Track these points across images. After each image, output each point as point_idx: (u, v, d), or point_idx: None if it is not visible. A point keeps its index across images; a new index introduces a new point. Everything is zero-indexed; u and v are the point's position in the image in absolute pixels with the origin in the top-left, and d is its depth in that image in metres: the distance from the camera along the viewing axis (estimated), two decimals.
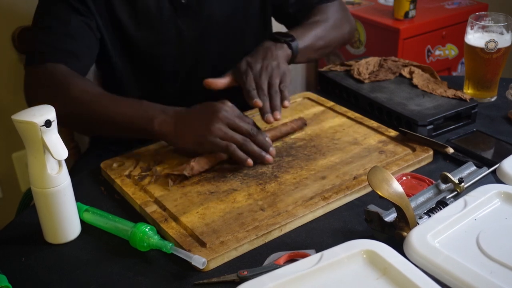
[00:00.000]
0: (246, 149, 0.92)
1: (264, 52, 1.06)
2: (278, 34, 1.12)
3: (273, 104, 0.98)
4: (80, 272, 0.75)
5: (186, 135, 0.93)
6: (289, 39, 1.10)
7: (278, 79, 1.02)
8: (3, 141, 1.68)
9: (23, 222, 0.87)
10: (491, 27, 1.12)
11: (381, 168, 0.74)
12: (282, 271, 0.63)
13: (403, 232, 0.71)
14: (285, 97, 1.00)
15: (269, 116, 0.97)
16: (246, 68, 1.04)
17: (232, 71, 1.06)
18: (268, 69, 1.02)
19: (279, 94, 1.00)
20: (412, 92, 1.12)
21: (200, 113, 0.94)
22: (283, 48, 1.08)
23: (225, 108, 0.94)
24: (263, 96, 0.99)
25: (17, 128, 0.74)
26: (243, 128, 0.93)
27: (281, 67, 1.04)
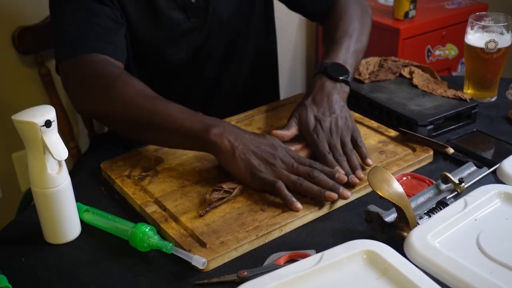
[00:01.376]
0: (301, 189, 0.85)
1: (328, 101, 1.00)
2: (331, 69, 1.04)
3: (352, 164, 0.92)
4: (80, 272, 0.75)
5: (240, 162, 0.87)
6: (345, 76, 1.03)
7: (349, 137, 0.96)
8: (3, 141, 1.68)
9: (23, 222, 0.87)
10: (491, 27, 1.12)
11: (381, 168, 0.74)
12: (282, 271, 0.63)
13: (403, 232, 0.71)
14: (365, 155, 0.94)
15: (353, 178, 0.89)
16: (315, 125, 0.97)
17: (296, 121, 0.99)
18: (338, 125, 0.97)
19: (354, 152, 0.94)
20: (412, 92, 1.12)
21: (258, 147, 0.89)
22: (343, 89, 1.03)
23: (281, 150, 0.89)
24: (339, 156, 0.93)
25: (17, 128, 0.74)
26: (301, 172, 0.87)
27: (350, 122, 0.99)
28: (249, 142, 0.89)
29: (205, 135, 0.88)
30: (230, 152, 0.87)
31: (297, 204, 0.83)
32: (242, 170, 0.87)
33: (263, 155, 0.88)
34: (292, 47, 2.29)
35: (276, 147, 0.90)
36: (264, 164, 0.87)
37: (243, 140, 0.89)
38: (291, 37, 2.27)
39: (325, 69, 1.04)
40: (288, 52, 2.28)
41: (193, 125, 0.89)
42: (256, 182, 0.87)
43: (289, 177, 0.86)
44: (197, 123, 0.89)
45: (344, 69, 1.04)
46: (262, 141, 0.90)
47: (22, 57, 1.63)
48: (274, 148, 0.89)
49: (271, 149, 0.89)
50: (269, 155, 0.88)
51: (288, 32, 2.23)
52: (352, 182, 0.88)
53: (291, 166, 0.87)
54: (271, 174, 0.86)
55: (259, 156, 0.88)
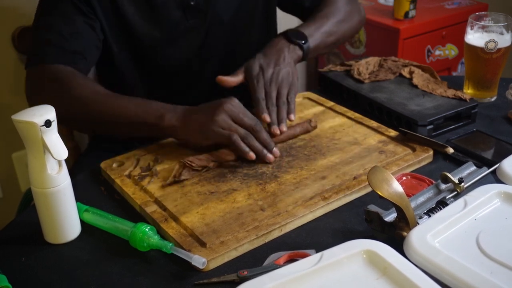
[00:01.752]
0: (248, 143, 0.94)
1: (277, 54, 1.08)
2: (292, 33, 1.12)
3: (280, 116, 1.01)
4: (80, 272, 0.75)
5: (192, 127, 0.95)
6: (302, 41, 1.11)
7: (286, 89, 1.04)
8: (3, 141, 1.68)
9: (23, 222, 0.87)
10: (491, 27, 1.12)
11: (381, 168, 0.74)
12: (282, 271, 0.63)
13: (403, 232, 0.71)
14: (291, 110, 1.03)
15: (276, 128, 0.99)
16: (258, 71, 1.05)
17: (244, 69, 1.08)
18: (279, 76, 1.05)
19: (286, 105, 1.02)
20: (412, 92, 1.12)
21: (207, 106, 0.97)
22: (295, 50, 1.10)
23: (231, 102, 0.96)
24: (271, 106, 1.02)
25: (17, 128, 0.74)
26: (246, 122, 0.95)
27: (292, 76, 1.06)
28: (196, 109, 0.97)
29: (161, 123, 0.96)
30: (182, 125, 0.95)
31: (251, 153, 0.92)
32: (196, 133, 0.95)
33: (211, 110, 0.95)
34: None
35: (223, 100, 0.96)
36: (213, 121, 0.93)
37: (191, 110, 0.97)
38: None
39: (286, 32, 1.12)
40: None
41: (149, 116, 0.96)
42: (212, 137, 0.94)
43: (238, 130, 0.94)
44: (152, 113, 0.96)
45: (304, 36, 1.12)
46: (208, 103, 0.98)
47: (22, 57, 1.63)
48: (222, 101, 0.96)
49: (219, 103, 0.95)
50: (217, 108, 0.94)
51: None
52: (274, 132, 0.99)
53: (237, 115, 0.94)
54: (222, 127, 0.93)
55: (207, 112, 0.95)
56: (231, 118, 0.95)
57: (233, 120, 0.95)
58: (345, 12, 1.23)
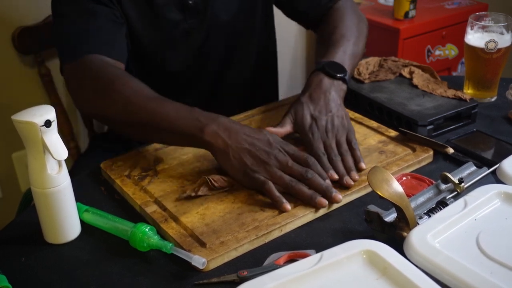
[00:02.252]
0: (293, 190, 0.85)
1: (325, 97, 0.99)
2: (329, 67, 1.03)
3: (347, 165, 0.91)
4: (80, 272, 0.75)
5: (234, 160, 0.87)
6: (342, 74, 1.03)
7: (344, 136, 0.96)
8: (3, 141, 1.68)
9: (23, 222, 0.87)
10: (491, 27, 1.12)
11: (381, 168, 0.74)
12: (282, 271, 0.63)
13: (403, 232, 0.71)
14: (359, 158, 0.93)
15: (348, 179, 0.88)
16: (311, 123, 0.96)
17: (292, 118, 0.99)
18: (334, 125, 0.96)
19: (349, 152, 0.94)
20: (412, 92, 1.12)
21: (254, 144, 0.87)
22: (339, 86, 1.02)
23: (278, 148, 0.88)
24: (334, 157, 0.92)
25: (17, 128, 0.74)
26: (295, 170, 0.86)
27: (346, 121, 0.98)
28: (243, 140, 0.87)
29: (200, 134, 0.88)
30: (224, 151, 0.87)
31: (286, 205, 0.83)
32: (236, 168, 0.87)
33: (257, 153, 0.86)
34: (292, 48, 2.29)
35: (271, 143, 0.88)
36: (257, 163, 0.86)
37: (237, 138, 0.88)
38: (291, 38, 2.27)
39: (323, 67, 1.03)
40: (288, 53, 2.28)
41: (188, 125, 0.89)
42: (247, 181, 0.87)
43: (282, 178, 0.85)
44: (192, 122, 0.89)
45: (342, 67, 1.04)
46: (257, 137, 0.89)
47: (22, 57, 1.63)
48: (269, 145, 0.88)
49: (266, 146, 0.88)
50: (263, 153, 0.87)
51: (288, 33, 2.23)
52: (347, 183, 0.88)
53: (286, 165, 0.86)
54: (264, 173, 0.86)
55: (253, 154, 0.86)
56: (280, 168, 0.86)
57: (282, 169, 0.86)
58: (356, 29, 1.16)
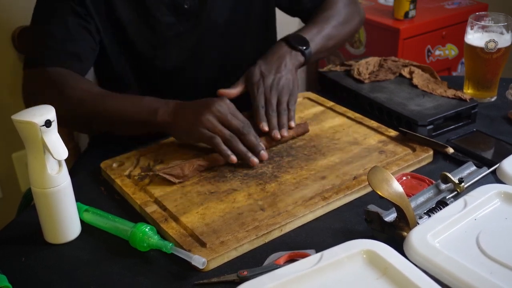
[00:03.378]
0: (231, 145, 0.93)
1: (278, 61, 1.08)
2: (293, 39, 1.11)
3: (280, 122, 1.01)
4: (80, 272, 0.75)
5: (181, 125, 0.95)
6: (303, 47, 1.10)
7: (287, 97, 1.04)
8: (3, 141, 1.68)
9: (23, 222, 0.87)
10: (491, 27, 1.12)
11: (381, 168, 0.74)
12: (282, 271, 0.63)
13: (403, 232, 0.71)
14: (291, 117, 1.02)
15: (276, 133, 0.99)
16: (259, 78, 1.05)
17: (244, 78, 1.07)
18: (279, 84, 1.04)
19: (287, 112, 1.02)
20: (412, 92, 1.12)
21: (197, 105, 0.97)
22: (297, 56, 1.10)
23: (221, 103, 0.96)
24: (272, 112, 1.01)
25: (17, 128, 0.74)
26: (233, 124, 0.94)
27: (292, 84, 1.06)
28: (188, 107, 0.96)
29: (154, 118, 0.96)
30: (174, 122, 0.95)
31: (232, 157, 0.92)
32: (185, 131, 0.95)
33: (199, 109, 0.94)
34: None
35: (213, 100, 0.96)
36: (200, 118, 0.93)
37: (184, 109, 0.96)
38: None
39: (287, 37, 1.11)
40: None
41: (142, 112, 0.97)
42: (196, 136, 0.94)
43: (222, 132, 0.93)
44: (143, 109, 0.97)
45: (306, 42, 1.11)
46: (200, 100, 0.97)
47: (22, 57, 1.63)
48: (212, 101, 0.96)
49: (209, 105, 0.95)
50: (205, 108, 0.94)
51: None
52: (274, 136, 0.98)
53: (225, 117, 0.94)
54: (208, 128, 0.93)
55: (195, 111, 0.94)
56: (218, 120, 0.94)
57: (220, 121, 0.94)
58: (345, 14, 1.22)
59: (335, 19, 1.19)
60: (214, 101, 0.96)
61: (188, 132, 0.95)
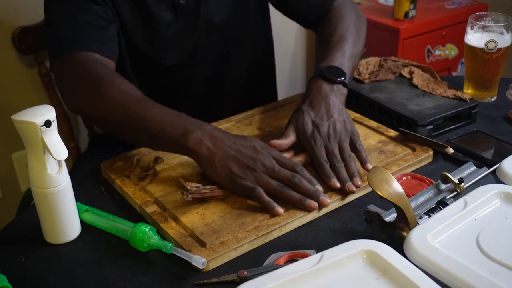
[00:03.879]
0: (282, 196, 0.84)
1: (325, 103, 0.97)
2: (327, 71, 1.01)
3: (350, 171, 0.90)
4: (80, 272, 0.75)
5: (220, 168, 0.86)
6: (342, 78, 1.01)
7: (348, 141, 0.94)
8: (3, 141, 1.68)
9: (23, 222, 0.87)
10: (491, 27, 1.12)
11: (381, 168, 0.74)
12: (282, 271, 0.63)
13: (403, 232, 0.71)
14: (365, 160, 0.92)
15: (350, 185, 0.87)
16: (312, 130, 0.95)
17: (294, 128, 0.97)
18: (336, 130, 0.94)
19: (352, 158, 0.92)
20: (412, 92, 1.12)
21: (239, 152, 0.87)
22: (340, 90, 1.00)
23: (265, 153, 0.87)
24: (337, 163, 0.90)
25: (17, 128, 0.74)
26: (282, 175, 0.85)
27: (348, 125, 0.96)
28: (228, 148, 0.87)
29: (184, 141, 0.87)
30: (209, 159, 0.86)
31: (278, 209, 0.82)
32: (222, 176, 0.86)
33: (243, 160, 0.86)
34: (292, 48, 2.29)
35: (257, 149, 0.87)
36: (243, 169, 0.85)
37: (222, 145, 0.87)
38: (291, 38, 2.27)
39: (321, 72, 1.01)
40: (288, 53, 2.28)
41: (173, 131, 0.88)
42: (236, 188, 0.86)
43: (269, 183, 0.84)
44: (177, 128, 0.88)
45: (341, 71, 1.02)
46: (243, 144, 0.88)
47: (22, 57, 1.63)
48: (255, 151, 0.87)
49: (252, 152, 0.87)
50: (249, 159, 0.86)
51: (288, 33, 2.23)
52: (348, 190, 0.87)
53: (272, 170, 0.85)
54: (251, 180, 0.85)
55: (239, 161, 0.86)
56: (267, 174, 0.85)
57: (269, 174, 0.85)
58: (355, 27, 1.14)
59: (350, 35, 1.10)
60: (258, 153, 0.87)
61: (229, 181, 0.86)
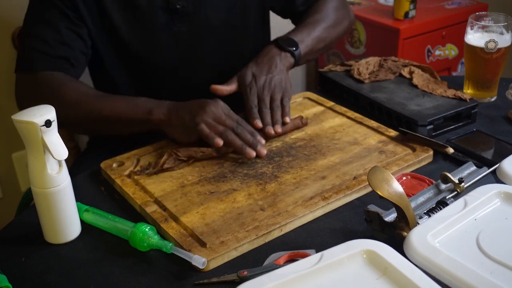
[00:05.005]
0: (226, 139, 0.95)
1: (269, 62, 1.09)
2: (283, 41, 1.13)
3: (274, 118, 1.02)
4: (80, 272, 0.76)
5: (176, 124, 0.99)
6: (293, 48, 1.12)
7: (280, 95, 1.06)
8: (3, 141, 1.68)
9: (23, 222, 0.87)
10: (491, 27, 1.12)
11: (381, 168, 0.74)
12: (282, 271, 0.63)
13: (403, 232, 0.71)
14: (286, 113, 1.04)
15: (270, 128, 1.00)
16: (251, 80, 1.07)
17: (237, 78, 1.09)
18: (271, 83, 1.06)
19: (280, 108, 1.04)
20: (412, 92, 1.12)
21: (191, 105, 1.00)
22: (287, 57, 1.12)
23: (215, 104, 0.99)
24: (265, 109, 1.03)
25: (17, 128, 0.74)
26: (228, 123, 0.97)
27: (285, 83, 1.08)
28: (182, 107, 1.00)
29: (149, 117, 0.99)
30: (169, 121, 0.99)
31: (218, 140, 0.94)
32: (179, 131, 0.98)
33: (194, 109, 0.98)
34: None
35: (207, 102, 0.99)
36: (195, 118, 0.96)
37: (177, 108, 1.00)
38: None
39: (276, 40, 1.13)
40: None
41: (137, 112, 1.00)
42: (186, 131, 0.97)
43: (216, 127, 0.96)
44: (140, 109, 1.00)
45: (295, 43, 1.13)
46: (195, 101, 1.01)
47: None
48: (205, 102, 0.99)
49: (204, 105, 0.98)
50: (199, 108, 0.98)
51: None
52: (268, 132, 1.00)
53: (219, 117, 0.97)
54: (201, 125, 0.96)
55: (190, 111, 0.98)
56: (213, 119, 0.97)
57: (215, 121, 0.97)
58: (334, 17, 1.24)
59: (324, 22, 1.21)
60: (208, 102, 0.99)
61: (185, 131, 0.98)
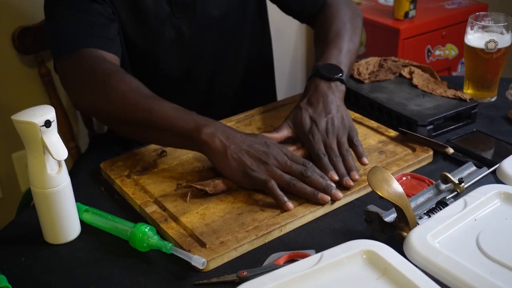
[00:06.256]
0: (295, 189, 0.85)
1: (323, 100, 0.98)
2: (324, 69, 1.02)
3: (348, 165, 0.91)
4: (80, 272, 0.75)
5: (232, 161, 0.87)
6: (339, 74, 1.02)
7: (346, 136, 0.96)
8: (3, 141, 1.68)
9: (23, 222, 0.87)
10: (491, 27, 1.12)
11: (381, 168, 0.74)
12: (282, 271, 0.63)
13: (403, 232, 0.71)
14: (361, 154, 0.93)
15: (348, 180, 0.88)
16: (310, 125, 0.96)
17: (291, 123, 0.98)
18: (334, 125, 0.96)
19: (350, 152, 0.93)
20: (412, 92, 1.12)
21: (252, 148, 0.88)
22: (337, 87, 1.01)
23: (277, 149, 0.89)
24: (335, 157, 0.91)
25: (17, 128, 0.74)
26: (294, 169, 0.87)
27: (347, 120, 0.97)
28: (241, 142, 0.88)
29: (197, 134, 0.87)
30: (222, 151, 0.87)
31: (289, 204, 0.83)
32: (234, 169, 0.86)
33: (256, 153, 0.87)
34: (292, 48, 2.29)
35: (269, 145, 0.89)
36: (256, 163, 0.86)
37: (234, 139, 0.88)
38: (291, 38, 2.27)
39: (318, 71, 1.02)
40: (287, 53, 2.28)
41: (185, 125, 0.88)
42: (247, 181, 0.86)
43: (282, 177, 0.85)
44: (189, 122, 0.88)
45: (338, 68, 1.03)
46: (254, 139, 0.89)
47: (22, 57, 1.63)
48: (267, 146, 0.89)
49: (264, 147, 0.88)
50: (262, 153, 0.87)
51: (287, 33, 2.23)
52: (346, 184, 0.88)
53: (285, 164, 0.87)
54: (263, 173, 0.86)
55: (252, 154, 0.87)
56: (279, 168, 0.87)
57: (281, 169, 0.87)
58: (351, 22, 1.15)
59: (346, 31, 1.11)
60: (270, 148, 0.88)
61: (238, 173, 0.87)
